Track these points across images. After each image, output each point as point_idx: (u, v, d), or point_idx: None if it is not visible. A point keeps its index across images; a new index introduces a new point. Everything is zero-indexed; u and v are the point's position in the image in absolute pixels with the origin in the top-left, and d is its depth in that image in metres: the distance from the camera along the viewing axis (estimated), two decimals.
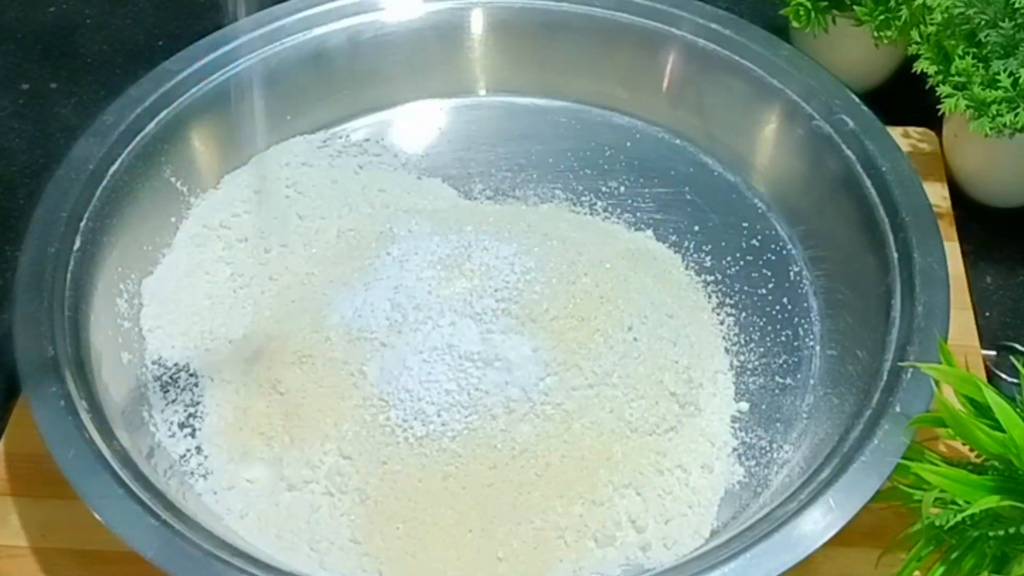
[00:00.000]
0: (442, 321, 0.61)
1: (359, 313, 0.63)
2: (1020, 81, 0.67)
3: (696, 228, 0.72)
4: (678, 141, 0.77)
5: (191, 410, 0.63)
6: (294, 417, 0.61)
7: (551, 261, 0.64)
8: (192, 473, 0.60)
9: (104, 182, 0.67)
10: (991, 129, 0.67)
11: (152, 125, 0.71)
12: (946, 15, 0.70)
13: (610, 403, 0.60)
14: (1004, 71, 0.68)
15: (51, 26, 0.91)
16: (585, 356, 0.61)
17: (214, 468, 0.60)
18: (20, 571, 0.58)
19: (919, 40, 0.72)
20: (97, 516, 0.52)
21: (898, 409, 0.55)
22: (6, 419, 0.63)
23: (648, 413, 0.60)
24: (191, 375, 0.64)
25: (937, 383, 0.55)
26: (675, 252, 0.71)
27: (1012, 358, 0.62)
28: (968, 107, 0.68)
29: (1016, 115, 0.67)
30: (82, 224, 0.64)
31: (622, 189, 0.74)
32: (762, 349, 0.66)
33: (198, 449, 0.61)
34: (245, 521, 0.58)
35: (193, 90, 0.73)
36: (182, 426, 0.62)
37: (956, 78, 0.69)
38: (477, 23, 0.79)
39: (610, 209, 0.73)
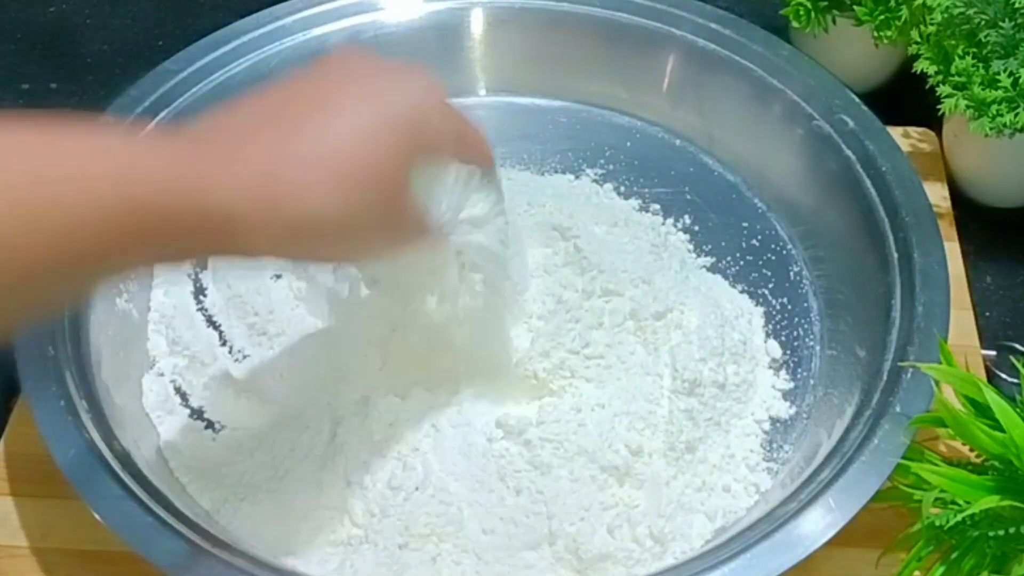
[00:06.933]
0: None
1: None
2: (1020, 81, 0.67)
3: (696, 228, 0.72)
4: (678, 141, 0.77)
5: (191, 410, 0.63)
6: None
7: None
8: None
9: None
10: (991, 129, 0.67)
11: (152, 125, 0.70)
12: (946, 15, 0.70)
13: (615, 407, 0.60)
14: (1004, 71, 0.68)
15: (51, 26, 0.91)
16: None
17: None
18: (20, 571, 0.58)
19: (919, 40, 0.72)
20: (97, 516, 0.52)
21: (898, 409, 0.55)
22: (6, 419, 0.63)
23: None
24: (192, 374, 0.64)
25: (937, 383, 0.55)
26: None
27: (1012, 358, 0.62)
28: (968, 107, 0.68)
29: (1016, 115, 0.67)
30: None
31: (622, 189, 0.74)
32: None
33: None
34: (244, 517, 0.58)
35: (193, 90, 0.73)
36: (183, 427, 0.62)
37: (956, 78, 0.69)
38: (477, 23, 0.79)
39: None
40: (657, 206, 0.72)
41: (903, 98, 0.77)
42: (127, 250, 0.39)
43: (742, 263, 0.70)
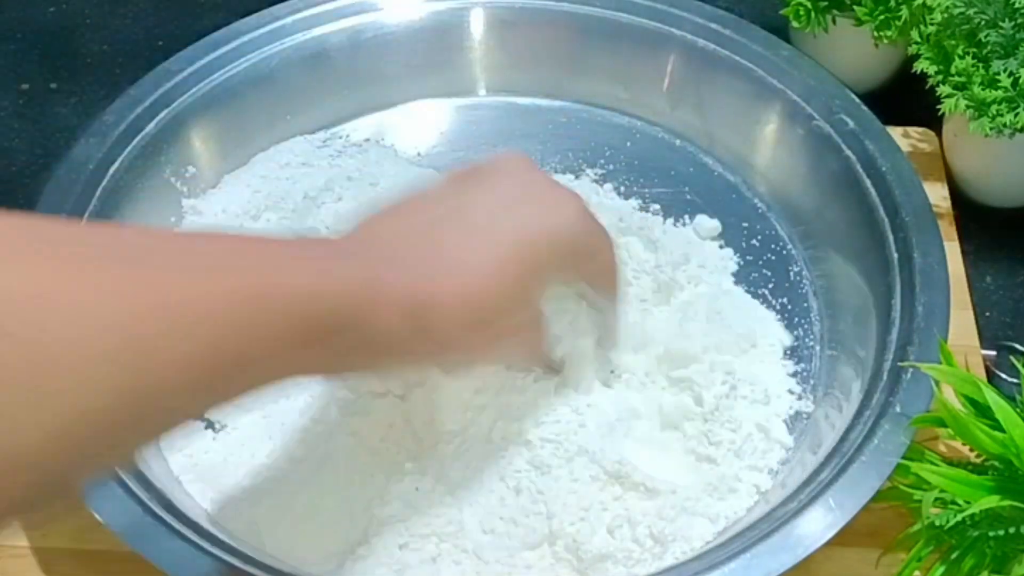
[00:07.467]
0: None
1: None
2: (1020, 81, 0.67)
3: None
4: (678, 141, 0.77)
5: None
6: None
7: None
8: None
9: (104, 182, 0.67)
10: (991, 129, 0.67)
11: (152, 125, 0.71)
12: (946, 15, 0.70)
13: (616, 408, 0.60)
14: (1004, 71, 0.68)
15: (51, 26, 0.91)
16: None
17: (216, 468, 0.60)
18: (20, 571, 0.58)
19: (919, 40, 0.72)
20: (97, 516, 0.52)
21: (898, 409, 0.55)
22: None
23: None
24: None
25: (937, 383, 0.55)
26: None
27: (1012, 358, 0.62)
28: (968, 107, 0.68)
29: (1016, 115, 0.67)
30: None
31: (622, 189, 0.74)
32: None
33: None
34: (244, 517, 0.58)
35: (193, 90, 0.73)
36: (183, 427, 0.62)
37: (956, 78, 0.69)
38: (477, 23, 0.79)
39: None
40: (657, 206, 0.72)
41: (903, 98, 0.77)
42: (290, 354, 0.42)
43: (742, 263, 0.70)
